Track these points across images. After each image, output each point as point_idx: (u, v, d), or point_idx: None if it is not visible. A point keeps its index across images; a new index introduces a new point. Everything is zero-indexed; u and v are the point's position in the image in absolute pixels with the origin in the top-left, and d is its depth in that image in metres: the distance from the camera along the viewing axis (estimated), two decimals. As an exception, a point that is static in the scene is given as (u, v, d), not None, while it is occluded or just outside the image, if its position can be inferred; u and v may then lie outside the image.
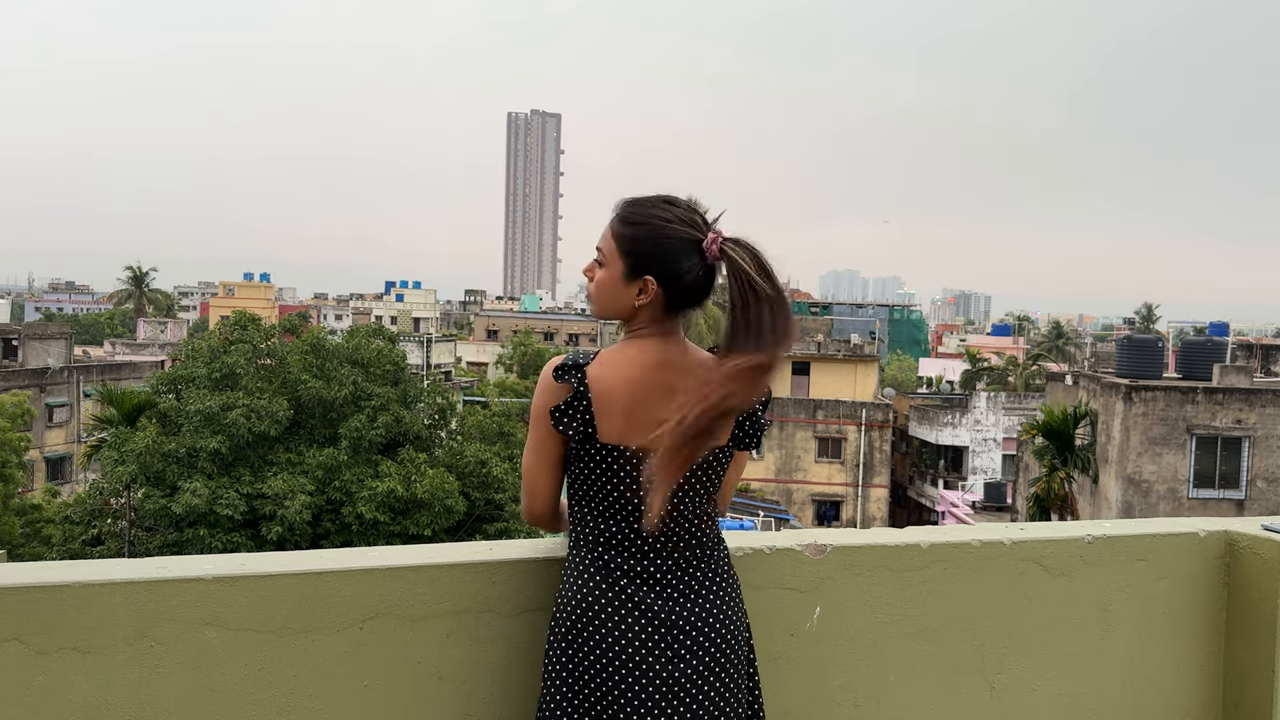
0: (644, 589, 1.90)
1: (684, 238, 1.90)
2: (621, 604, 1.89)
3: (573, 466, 1.96)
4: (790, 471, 37.50)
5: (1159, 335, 48.32)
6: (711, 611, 1.93)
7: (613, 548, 1.93)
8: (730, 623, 1.96)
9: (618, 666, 1.87)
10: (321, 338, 25.79)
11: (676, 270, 1.89)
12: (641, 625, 1.88)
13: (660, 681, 1.87)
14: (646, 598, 1.90)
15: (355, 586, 2.01)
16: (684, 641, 1.89)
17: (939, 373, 67.38)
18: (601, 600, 1.90)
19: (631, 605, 1.89)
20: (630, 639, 1.87)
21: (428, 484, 21.60)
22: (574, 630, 1.90)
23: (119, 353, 54.09)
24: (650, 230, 1.90)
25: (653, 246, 1.90)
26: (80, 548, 21.97)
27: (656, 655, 1.87)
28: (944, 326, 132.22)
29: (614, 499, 1.92)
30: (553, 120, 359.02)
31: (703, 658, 1.90)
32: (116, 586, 1.88)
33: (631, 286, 1.91)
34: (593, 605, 1.90)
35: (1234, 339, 40.47)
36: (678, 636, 1.89)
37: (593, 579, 1.92)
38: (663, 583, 1.91)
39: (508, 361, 50.91)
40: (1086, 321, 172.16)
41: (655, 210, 1.92)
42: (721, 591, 1.96)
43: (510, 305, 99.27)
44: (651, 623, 1.88)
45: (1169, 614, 2.58)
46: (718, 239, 1.89)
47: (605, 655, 1.87)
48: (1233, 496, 23.55)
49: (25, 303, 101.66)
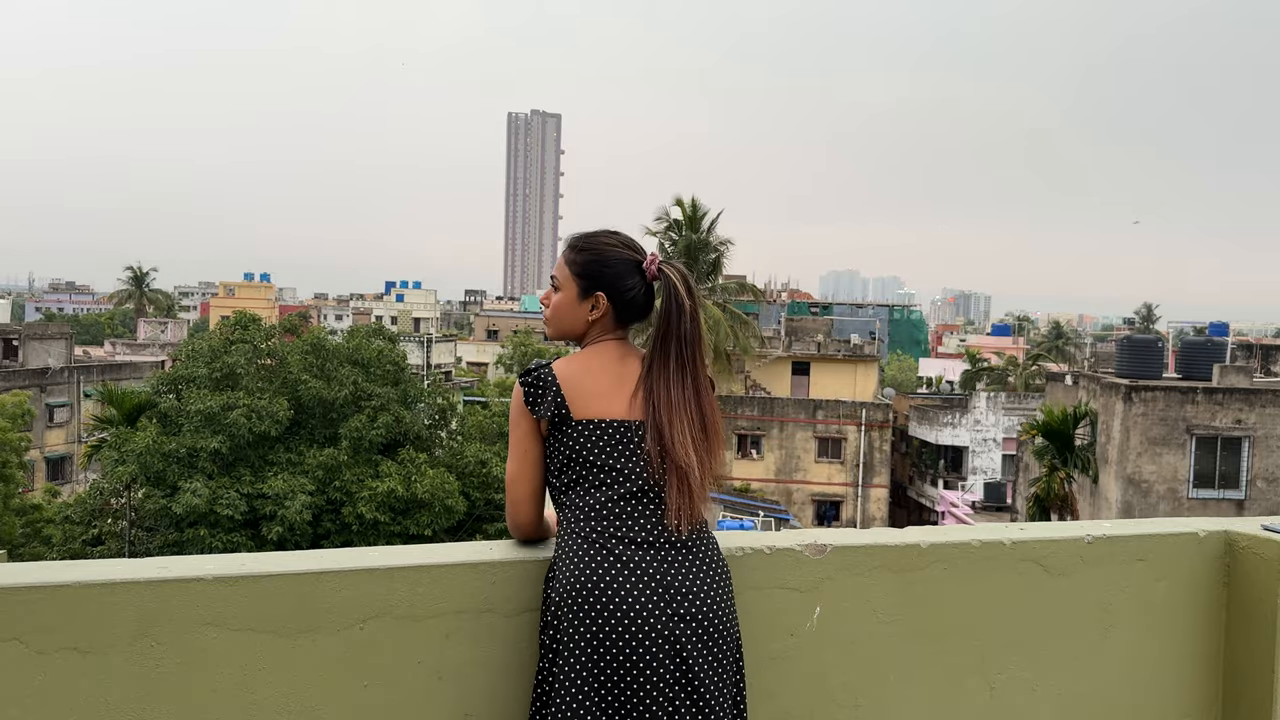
0: (639, 552, 1.99)
1: (627, 259, 2.18)
2: (621, 567, 1.97)
3: (556, 452, 2.08)
4: (790, 471, 37.47)
5: (1159, 335, 48.29)
6: (706, 576, 2.03)
7: (605, 517, 2.01)
8: (724, 593, 2.05)
9: (626, 626, 1.93)
10: (322, 338, 25.80)
11: (622, 287, 2.16)
12: (641, 587, 1.96)
13: (663, 640, 1.94)
14: (643, 560, 1.98)
15: (355, 586, 2.01)
16: (682, 602, 1.98)
17: (939, 373, 67.36)
18: (603, 565, 1.97)
19: (631, 568, 1.97)
20: (633, 600, 1.94)
21: (428, 484, 21.61)
22: (578, 595, 1.95)
23: (119, 353, 54.06)
24: (598, 254, 2.18)
25: (602, 268, 2.17)
26: (80, 548, 21.97)
27: (658, 615, 1.95)
28: (944, 326, 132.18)
29: (598, 468, 2.04)
30: (553, 120, 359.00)
31: (700, 620, 1.99)
32: (116, 586, 1.88)
33: (585, 304, 2.17)
34: (595, 570, 1.96)
35: (1234, 339, 40.48)
36: (676, 597, 1.97)
37: (591, 545, 1.99)
38: (657, 545, 2.01)
39: (508, 361, 50.91)
40: (1086, 321, 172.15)
41: (601, 238, 2.21)
42: (714, 561, 2.07)
43: (510, 305, 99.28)
44: (650, 583, 1.97)
45: (1169, 614, 2.58)
46: (655, 259, 2.17)
47: (611, 616, 1.93)
48: (1233, 496, 23.54)
49: (25, 303, 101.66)
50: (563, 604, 1.97)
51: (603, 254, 2.17)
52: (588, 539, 2.00)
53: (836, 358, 41.31)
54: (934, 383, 65.24)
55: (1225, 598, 2.61)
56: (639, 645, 1.93)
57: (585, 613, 1.94)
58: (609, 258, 2.17)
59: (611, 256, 2.18)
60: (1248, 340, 43.83)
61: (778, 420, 37.13)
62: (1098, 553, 2.51)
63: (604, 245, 2.19)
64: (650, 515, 2.03)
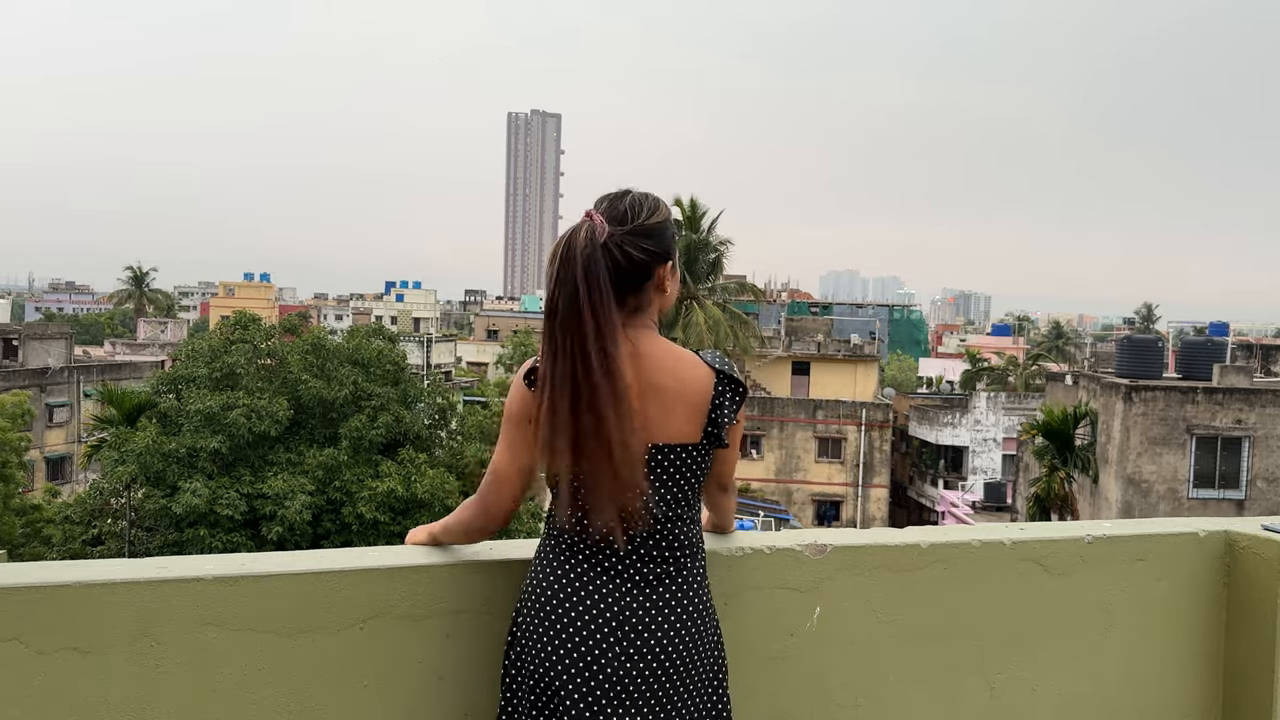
0: (602, 576, 1.87)
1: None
2: (577, 590, 1.87)
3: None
4: (790, 471, 37.47)
5: (1159, 335, 48.29)
6: (671, 605, 1.89)
7: (575, 533, 1.90)
8: (692, 624, 1.91)
9: (574, 659, 1.84)
10: (322, 338, 25.77)
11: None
12: (594, 615, 1.85)
13: (606, 681, 1.84)
14: (605, 585, 1.87)
15: (355, 586, 2.01)
16: (634, 638, 1.85)
17: (939, 373, 67.32)
18: (560, 584, 1.88)
19: (587, 591, 1.87)
20: (584, 631, 1.85)
21: (428, 484, 21.59)
22: (534, 613, 1.89)
23: (119, 353, 54.03)
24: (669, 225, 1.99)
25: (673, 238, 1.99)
26: (80, 548, 21.96)
27: (605, 649, 1.84)
28: (944, 326, 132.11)
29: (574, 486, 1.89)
30: (553, 120, 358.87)
31: (657, 656, 1.86)
32: (116, 586, 1.87)
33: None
34: (555, 591, 1.88)
35: (1234, 339, 40.46)
36: (632, 629, 1.85)
37: (555, 561, 1.91)
38: (619, 571, 1.87)
39: (508, 361, 50.87)
40: (1086, 321, 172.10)
41: (662, 208, 1.99)
42: (687, 590, 1.91)
43: (510, 305, 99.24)
44: (605, 613, 1.85)
45: (1169, 614, 2.58)
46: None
47: (559, 644, 1.85)
48: (1233, 496, 23.53)
49: (25, 303, 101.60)
50: (524, 622, 1.92)
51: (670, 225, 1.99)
52: (553, 555, 1.92)
53: (836, 358, 41.31)
54: (934, 383, 65.21)
55: (1225, 598, 2.61)
56: (585, 683, 1.84)
57: (537, 635, 1.88)
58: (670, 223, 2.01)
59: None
60: (1248, 340, 43.82)
61: (778, 420, 37.12)
62: (1098, 553, 2.51)
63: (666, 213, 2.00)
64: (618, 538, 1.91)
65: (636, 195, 1.94)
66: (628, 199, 1.93)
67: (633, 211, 1.90)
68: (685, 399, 1.91)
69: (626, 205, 1.91)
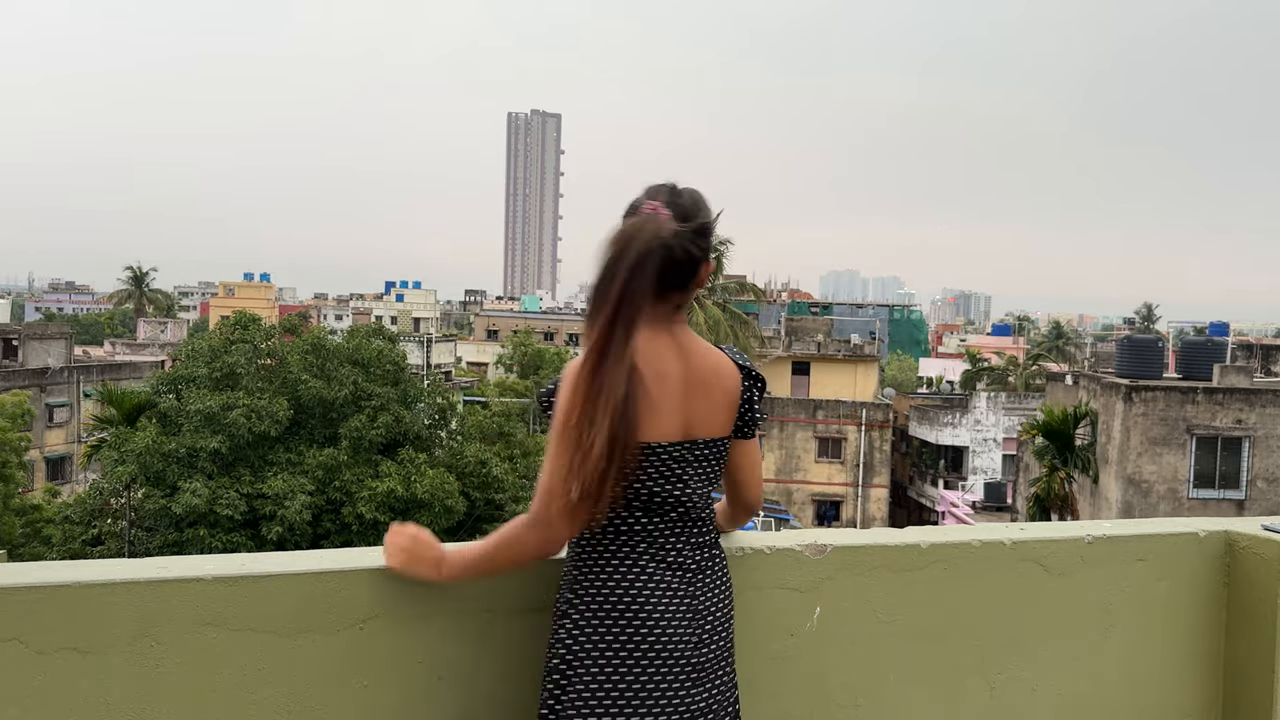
0: (669, 573, 1.92)
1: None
2: (654, 589, 1.90)
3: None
4: (790, 471, 37.49)
5: (1159, 335, 48.28)
6: (721, 595, 1.99)
7: (635, 534, 1.92)
8: (729, 607, 2.02)
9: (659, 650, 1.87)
10: (322, 338, 25.78)
11: None
12: (673, 610, 1.90)
13: (691, 665, 1.90)
14: (673, 581, 1.92)
15: (355, 586, 2.00)
16: (704, 626, 1.94)
17: (939, 373, 67.34)
18: (637, 585, 1.89)
19: (655, 583, 1.90)
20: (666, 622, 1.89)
21: (428, 484, 21.60)
22: (606, 615, 1.88)
23: (119, 353, 54.03)
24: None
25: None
26: (80, 548, 21.97)
27: (686, 638, 1.90)
28: (944, 326, 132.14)
29: (634, 490, 1.90)
30: (553, 120, 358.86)
31: (720, 641, 1.96)
32: (116, 586, 1.87)
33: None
34: (627, 590, 1.89)
35: (1234, 339, 40.47)
36: (701, 619, 1.93)
37: (622, 564, 1.90)
38: (684, 567, 1.94)
39: (508, 362, 50.80)
40: (1086, 321, 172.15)
41: (712, 206, 1.98)
42: (723, 577, 2.02)
43: (510, 305, 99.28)
44: (680, 606, 1.91)
45: (1169, 614, 2.58)
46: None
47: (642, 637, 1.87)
48: (1233, 496, 23.54)
49: (25, 303, 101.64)
50: (591, 624, 1.90)
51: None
52: (615, 559, 1.91)
53: (836, 358, 41.32)
54: (934, 383, 65.22)
55: (1225, 598, 2.61)
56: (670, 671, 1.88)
57: (612, 633, 1.88)
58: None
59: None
60: (1248, 340, 43.84)
61: (778, 420, 37.14)
62: (1098, 553, 2.51)
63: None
64: (680, 535, 1.96)
65: (692, 191, 1.95)
66: (686, 194, 1.93)
67: (694, 209, 1.92)
68: (726, 393, 1.97)
69: (688, 201, 1.91)
